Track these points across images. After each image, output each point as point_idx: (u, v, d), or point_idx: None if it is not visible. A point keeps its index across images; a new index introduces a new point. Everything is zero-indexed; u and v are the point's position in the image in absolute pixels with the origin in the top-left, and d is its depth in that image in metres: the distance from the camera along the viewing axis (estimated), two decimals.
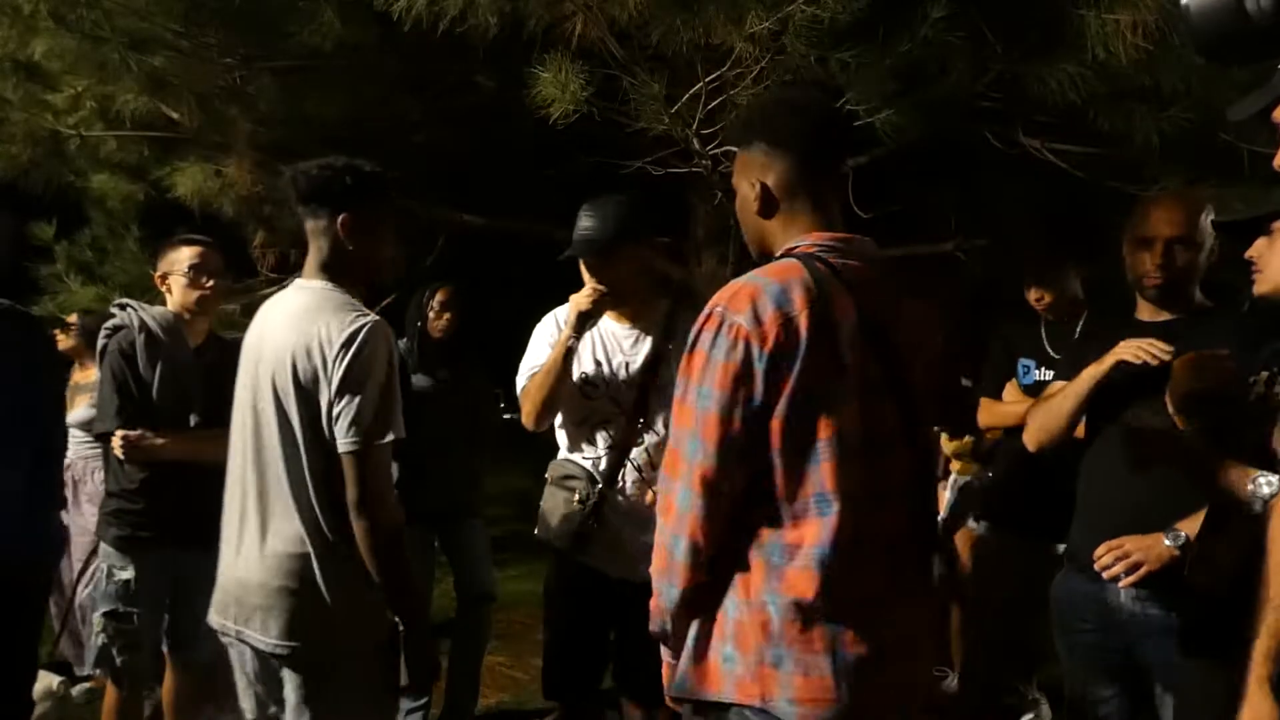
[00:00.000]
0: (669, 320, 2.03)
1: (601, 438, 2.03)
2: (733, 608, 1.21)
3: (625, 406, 1.99)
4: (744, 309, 1.19)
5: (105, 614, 2.32)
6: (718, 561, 1.22)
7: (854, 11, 2.80)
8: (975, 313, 4.12)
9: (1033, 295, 2.85)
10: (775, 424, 1.19)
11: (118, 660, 2.32)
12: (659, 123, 3.20)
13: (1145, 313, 1.94)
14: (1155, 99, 3.11)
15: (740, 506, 1.22)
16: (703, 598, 1.23)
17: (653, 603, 1.27)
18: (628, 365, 2.02)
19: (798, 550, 1.18)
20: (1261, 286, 1.56)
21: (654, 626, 1.28)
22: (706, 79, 3.10)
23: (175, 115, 3.96)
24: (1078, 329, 2.72)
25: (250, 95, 3.93)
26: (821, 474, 1.18)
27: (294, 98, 3.90)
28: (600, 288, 1.99)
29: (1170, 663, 1.72)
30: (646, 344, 2.02)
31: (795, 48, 2.90)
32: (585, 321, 1.99)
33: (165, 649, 2.46)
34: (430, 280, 3.27)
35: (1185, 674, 1.66)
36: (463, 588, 3.05)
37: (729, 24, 2.89)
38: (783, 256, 1.29)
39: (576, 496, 2.00)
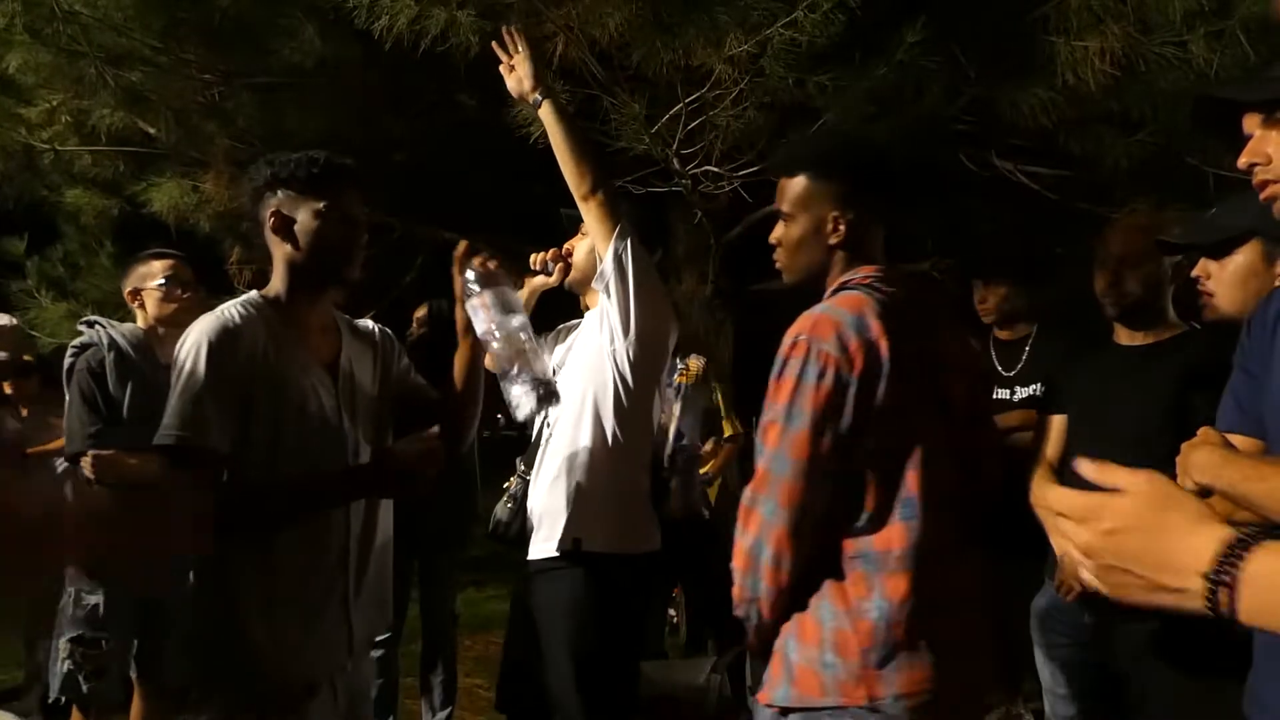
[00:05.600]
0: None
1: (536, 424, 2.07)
2: (830, 617, 1.29)
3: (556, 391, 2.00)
4: (829, 337, 1.27)
5: (72, 639, 2.26)
6: (806, 574, 1.29)
7: (831, 35, 2.86)
8: None
9: (976, 298, 2.83)
10: (867, 441, 1.28)
11: (84, 687, 2.25)
12: (639, 142, 3.23)
13: (1122, 336, 1.97)
14: (1123, 124, 3.19)
15: (827, 520, 1.29)
16: (786, 604, 1.31)
17: (736, 592, 1.32)
18: (570, 348, 2.06)
19: (889, 555, 1.29)
20: (1213, 312, 1.58)
21: (739, 612, 1.34)
22: (686, 100, 3.14)
23: (152, 130, 3.94)
24: (1026, 348, 2.74)
25: (228, 111, 3.91)
26: (907, 483, 1.30)
27: (273, 114, 3.89)
28: (562, 255, 2.05)
29: (1147, 676, 1.74)
30: (582, 332, 2.04)
31: (774, 70, 2.94)
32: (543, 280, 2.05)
33: (134, 675, 2.40)
34: (415, 298, 3.26)
35: (1161, 688, 1.68)
36: (430, 612, 3.07)
37: (709, 46, 2.93)
38: (839, 289, 1.37)
39: (509, 483, 2.03)
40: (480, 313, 1.51)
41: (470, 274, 1.51)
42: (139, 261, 2.41)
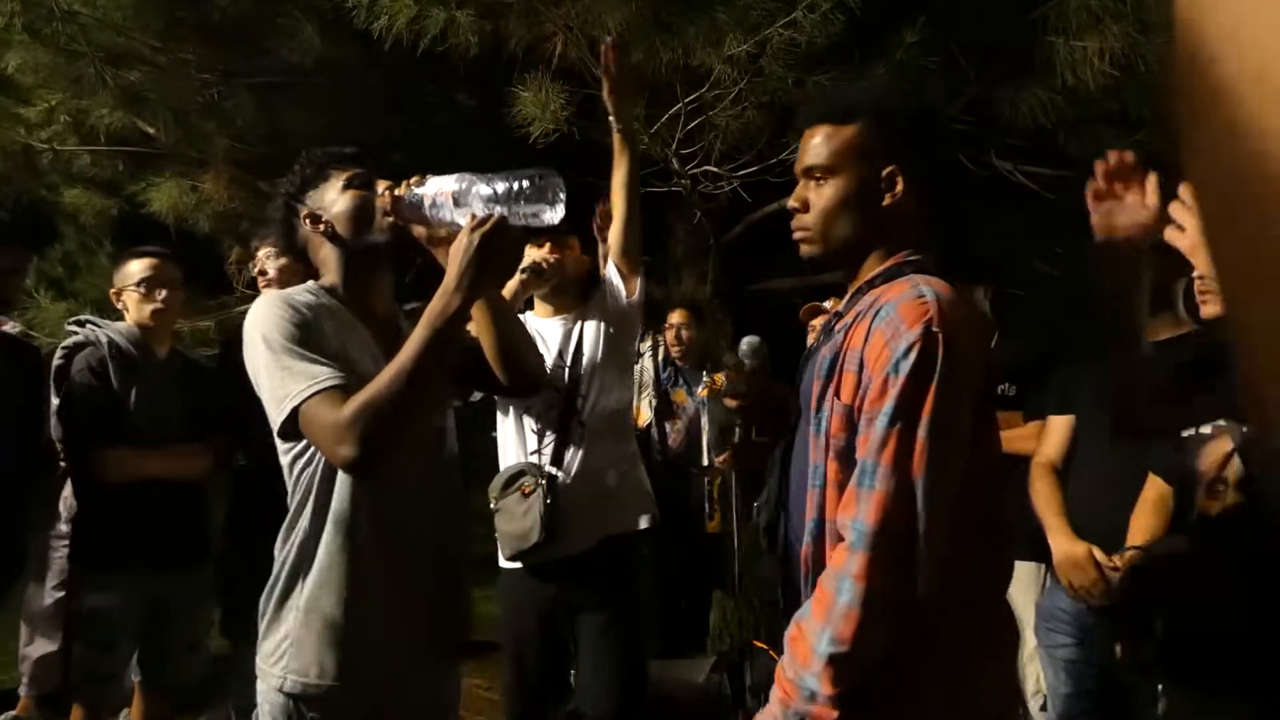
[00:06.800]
0: (587, 310, 2.20)
1: (531, 428, 2.13)
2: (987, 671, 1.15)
3: (562, 389, 2.12)
4: (962, 329, 1.06)
5: (81, 642, 2.26)
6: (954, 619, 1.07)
7: (830, 35, 2.86)
8: None
9: None
10: (986, 449, 1.14)
11: (96, 691, 2.25)
12: (638, 142, 3.22)
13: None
14: (1122, 123, 3.20)
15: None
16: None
17: (846, 655, 1.02)
18: (561, 353, 2.16)
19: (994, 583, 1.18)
20: (1212, 311, 1.57)
21: (839, 681, 1.02)
22: (686, 100, 3.14)
23: (151, 130, 3.94)
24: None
25: (228, 111, 3.91)
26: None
27: (272, 114, 3.89)
28: (554, 257, 2.14)
29: (1149, 676, 1.74)
30: (575, 332, 2.17)
31: (773, 70, 2.94)
32: (536, 279, 2.11)
33: (136, 677, 2.39)
34: (413, 298, 3.26)
35: (1163, 688, 1.68)
36: None
37: (708, 46, 2.93)
38: (898, 270, 1.15)
39: (524, 489, 2.06)
40: (443, 209, 1.26)
41: (414, 193, 1.29)
42: (123, 260, 2.39)
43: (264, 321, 1.28)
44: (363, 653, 1.33)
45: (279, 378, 1.24)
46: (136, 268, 2.32)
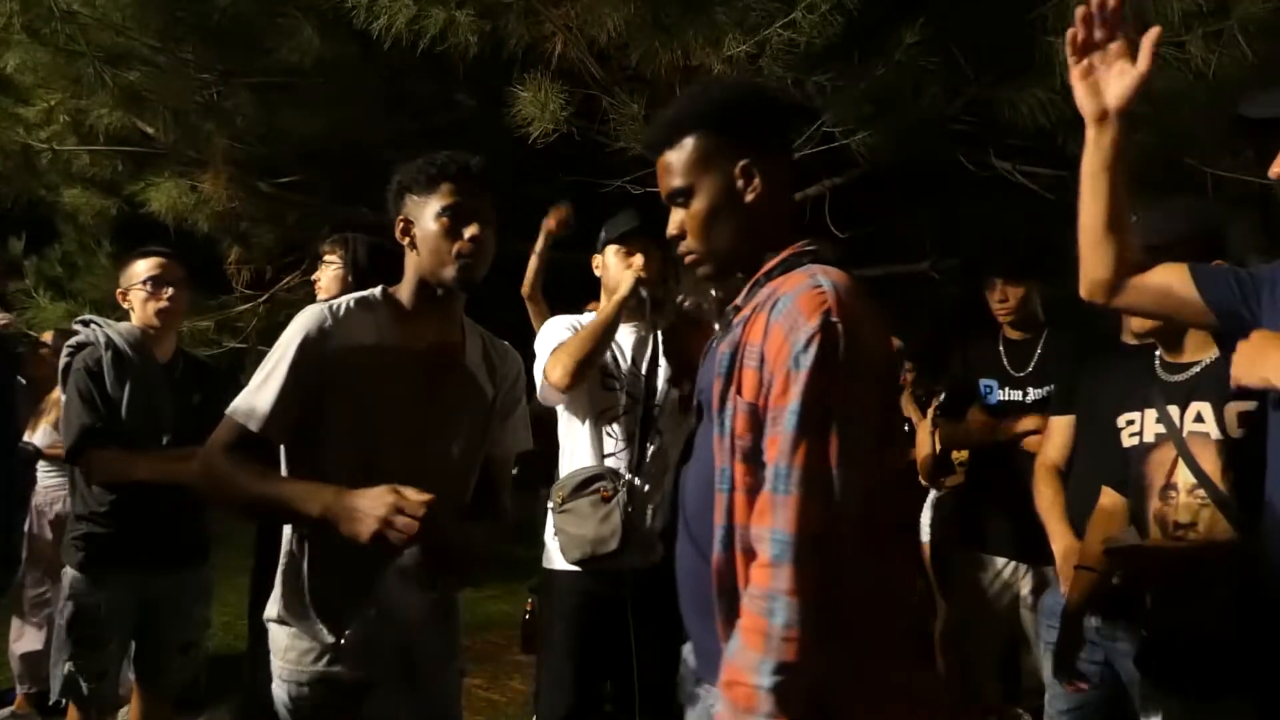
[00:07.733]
0: (659, 319, 2.21)
1: (608, 432, 2.13)
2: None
3: (638, 395, 2.12)
4: (860, 319, 1.03)
5: (73, 641, 2.26)
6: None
7: (829, 36, 2.85)
8: (950, 332, 4.17)
9: (996, 297, 2.77)
10: (893, 450, 1.13)
11: (85, 689, 2.25)
12: (638, 142, 3.22)
13: (1129, 335, 1.97)
14: None
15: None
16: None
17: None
18: (635, 360, 2.17)
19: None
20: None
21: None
22: None
23: (150, 130, 3.94)
24: (1038, 349, 2.71)
25: (227, 111, 3.91)
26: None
27: (271, 114, 3.89)
28: (643, 272, 2.13)
29: (1149, 675, 1.74)
30: (649, 340, 2.18)
31: (773, 70, 2.94)
32: (636, 290, 2.10)
33: (132, 677, 2.39)
34: None
35: (1164, 687, 1.68)
36: None
37: (707, 46, 2.93)
38: (792, 263, 1.14)
39: (603, 494, 2.04)
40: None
41: (403, 561, 1.36)
42: (128, 260, 2.41)
43: (290, 330, 1.40)
44: (349, 651, 1.38)
45: (257, 381, 1.39)
46: (143, 266, 2.34)
